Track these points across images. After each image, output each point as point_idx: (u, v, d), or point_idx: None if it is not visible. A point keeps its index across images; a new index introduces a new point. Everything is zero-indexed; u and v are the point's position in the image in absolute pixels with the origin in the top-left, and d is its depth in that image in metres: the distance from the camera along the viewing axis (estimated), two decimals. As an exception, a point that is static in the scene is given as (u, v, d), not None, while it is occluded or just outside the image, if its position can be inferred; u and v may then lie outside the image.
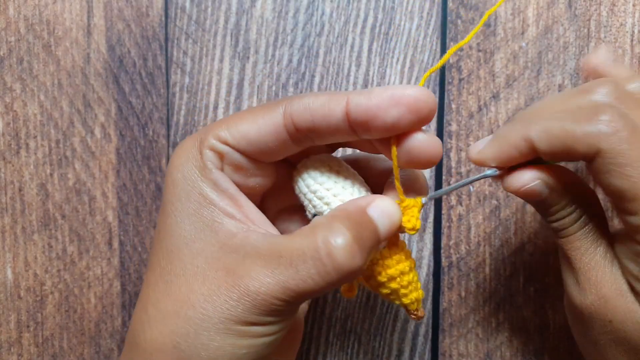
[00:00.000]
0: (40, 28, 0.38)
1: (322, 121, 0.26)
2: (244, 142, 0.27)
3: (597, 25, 0.37)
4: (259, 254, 0.25)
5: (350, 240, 0.25)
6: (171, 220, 0.27)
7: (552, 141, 0.26)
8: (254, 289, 0.25)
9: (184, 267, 0.26)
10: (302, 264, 0.25)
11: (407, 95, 0.25)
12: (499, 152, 0.27)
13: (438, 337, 0.38)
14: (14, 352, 0.39)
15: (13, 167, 0.38)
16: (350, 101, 0.25)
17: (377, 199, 0.27)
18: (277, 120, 0.26)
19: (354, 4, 0.37)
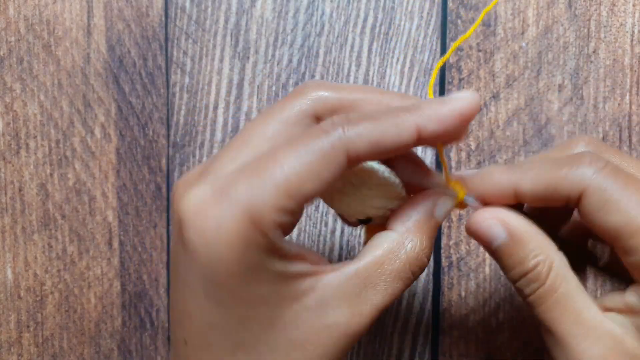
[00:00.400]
0: (40, 28, 0.38)
1: (390, 154, 0.23)
2: (308, 202, 0.22)
3: (597, 25, 0.37)
4: (352, 294, 0.24)
5: (427, 252, 0.25)
6: (238, 312, 0.23)
7: (536, 183, 0.25)
8: (359, 328, 0.24)
9: (277, 347, 0.23)
10: (396, 285, 0.25)
11: (473, 110, 0.23)
12: (480, 186, 0.26)
13: (438, 337, 0.38)
14: (14, 352, 0.39)
15: (13, 167, 0.38)
16: (422, 131, 0.23)
17: (441, 197, 0.26)
18: (342, 165, 0.22)
19: (354, 4, 0.37)
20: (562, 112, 0.37)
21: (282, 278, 0.23)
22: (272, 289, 0.23)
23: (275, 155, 0.22)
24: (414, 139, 0.23)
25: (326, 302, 0.24)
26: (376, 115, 0.23)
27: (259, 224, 0.21)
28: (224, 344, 0.23)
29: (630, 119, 0.37)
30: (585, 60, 0.37)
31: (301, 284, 0.23)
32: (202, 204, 0.22)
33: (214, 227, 0.21)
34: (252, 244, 0.21)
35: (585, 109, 0.37)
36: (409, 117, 0.23)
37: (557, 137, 0.37)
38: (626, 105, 0.37)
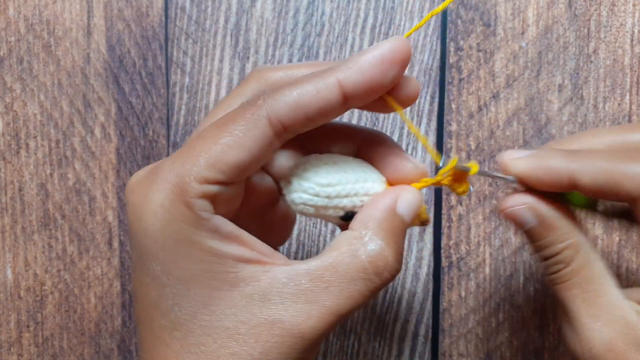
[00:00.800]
0: (40, 28, 0.38)
1: (318, 114, 0.22)
2: (235, 172, 0.22)
3: (597, 25, 0.37)
4: (300, 292, 0.23)
5: (393, 253, 0.24)
6: (172, 290, 0.23)
7: (597, 177, 0.24)
8: (309, 329, 0.23)
9: (212, 332, 0.23)
10: (354, 287, 0.23)
11: (397, 52, 0.22)
12: (534, 170, 0.25)
13: (438, 337, 0.38)
14: (14, 352, 0.39)
15: (13, 167, 0.38)
16: (344, 84, 0.22)
17: (402, 192, 0.25)
18: (266, 132, 0.22)
19: (354, 4, 0.37)
20: (562, 112, 0.37)
21: (215, 257, 0.22)
22: (204, 267, 0.22)
23: (202, 132, 0.23)
24: (337, 95, 0.22)
25: (269, 296, 0.23)
26: (299, 79, 0.23)
27: (182, 194, 0.22)
28: (163, 322, 0.23)
29: (630, 119, 0.37)
30: (585, 60, 0.37)
31: (241, 270, 0.23)
32: (137, 182, 0.23)
33: (142, 200, 0.22)
34: (177, 216, 0.22)
35: (585, 108, 0.37)
36: (328, 75, 0.22)
37: (557, 137, 0.37)
38: (626, 105, 0.37)
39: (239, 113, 0.23)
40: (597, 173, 0.24)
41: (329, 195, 0.25)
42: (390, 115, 0.38)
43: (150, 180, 0.23)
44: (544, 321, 0.38)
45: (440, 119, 0.37)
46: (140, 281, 0.24)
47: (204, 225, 0.22)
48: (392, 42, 0.23)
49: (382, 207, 0.24)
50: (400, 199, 0.25)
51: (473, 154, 0.37)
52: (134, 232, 0.23)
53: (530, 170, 0.25)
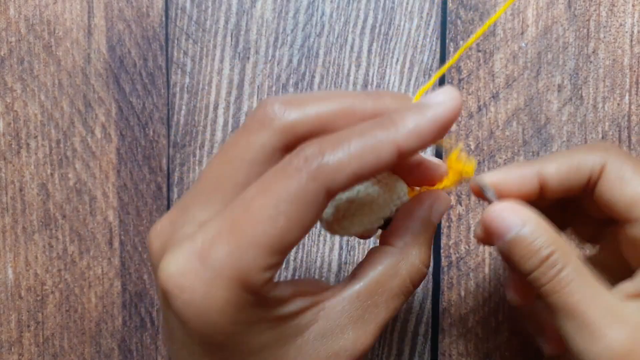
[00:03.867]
0: (41, 28, 0.38)
1: (371, 176, 0.22)
2: (291, 249, 0.22)
3: (596, 26, 0.37)
4: (353, 318, 0.24)
5: (427, 262, 0.25)
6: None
7: (560, 164, 0.26)
8: (367, 347, 0.24)
9: None
10: (398, 301, 0.25)
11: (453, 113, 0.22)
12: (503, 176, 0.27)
13: (438, 337, 0.38)
14: (14, 352, 0.39)
15: (14, 167, 0.39)
16: (402, 149, 0.21)
17: (437, 201, 0.25)
18: (323, 205, 0.21)
19: (353, 4, 0.37)
20: (562, 112, 0.37)
21: (281, 321, 0.22)
22: (274, 333, 0.22)
23: (250, 209, 0.20)
24: (395, 157, 0.21)
25: (330, 330, 0.24)
26: (350, 138, 0.21)
27: (248, 286, 0.21)
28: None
29: (629, 119, 0.37)
30: (584, 61, 0.37)
31: (302, 319, 0.23)
32: (184, 276, 0.21)
33: (201, 298, 0.21)
34: (245, 305, 0.21)
35: (584, 109, 0.37)
36: (387, 137, 0.21)
37: (557, 137, 0.37)
38: (625, 105, 0.37)
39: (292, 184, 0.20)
40: (559, 162, 0.26)
41: (373, 211, 0.26)
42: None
43: (202, 275, 0.21)
44: (544, 321, 0.38)
45: (440, 119, 0.37)
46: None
47: (271, 302, 0.22)
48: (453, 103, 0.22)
49: (418, 218, 0.25)
50: (435, 208, 0.25)
51: (472, 154, 0.37)
52: (192, 327, 0.21)
53: (499, 177, 0.27)
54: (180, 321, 0.22)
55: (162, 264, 0.21)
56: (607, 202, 0.26)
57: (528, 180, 0.27)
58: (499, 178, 0.27)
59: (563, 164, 0.27)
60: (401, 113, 0.22)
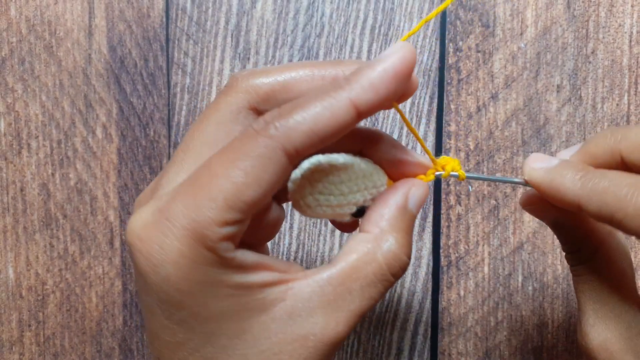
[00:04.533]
0: (42, 29, 0.38)
1: (332, 136, 0.22)
2: (254, 209, 0.21)
3: (595, 26, 0.37)
4: (325, 303, 0.23)
5: (405, 250, 0.24)
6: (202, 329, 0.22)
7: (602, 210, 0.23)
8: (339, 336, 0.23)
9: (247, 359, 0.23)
10: (374, 288, 0.24)
11: (408, 64, 0.22)
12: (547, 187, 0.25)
13: (437, 336, 0.38)
14: (15, 351, 0.39)
15: (15, 167, 0.39)
16: (357, 104, 0.21)
17: (412, 188, 0.25)
18: (282, 164, 0.21)
19: (353, 5, 0.38)
20: (561, 112, 0.37)
21: (242, 290, 0.22)
22: (234, 302, 0.22)
23: (210, 167, 0.21)
24: (353, 116, 0.21)
25: (297, 312, 0.23)
26: (308, 101, 0.21)
27: (203, 240, 0.21)
28: (206, 350, 0.23)
29: (628, 120, 0.37)
30: (583, 61, 0.37)
31: (267, 294, 0.23)
32: (145, 227, 0.22)
33: (158, 250, 0.21)
34: (200, 261, 0.21)
35: (583, 109, 0.37)
36: (341, 95, 0.21)
37: (556, 137, 0.37)
38: (624, 105, 0.37)
39: (250, 144, 0.21)
40: (602, 206, 0.23)
41: (342, 193, 0.25)
42: (390, 115, 0.38)
43: (159, 226, 0.21)
44: (543, 320, 0.38)
45: (439, 119, 0.38)
46: (162, 325, 0.23)
47: (229, 264, 0.22)
48: (402, 53, 0.22)
49: (393, 204, 0.24)
50: (411, 195, 0.25)
51: (472, 154, 0.37)
52: (150, 281, 0.22)
53: (543, 184, 0.25)
54: (140, 275, 0.22)
55: (129, 220, 0.22)
56: None
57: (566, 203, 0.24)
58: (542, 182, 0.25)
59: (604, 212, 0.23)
60: (355, 72, 0.22)
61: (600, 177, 0.24)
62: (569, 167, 0.25)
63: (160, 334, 0.23)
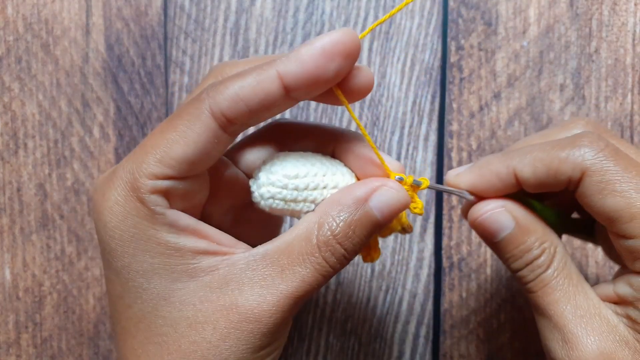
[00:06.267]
0: (39, 27, 0.38)
1: (260, 105, 0.22)
2: (184, 167, 0.23)
3: (598, 25, 0.37)
4: (256, 277, 0.23)
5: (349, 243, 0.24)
6: (132, 283, 0.23)
7: (537, 166, 0.24)
8: (265, 313, 0.23)
9: (172, 323, 0.23)
10: (306, 270, 0.23)
11: (339, 43, 0.22)
12: (478, 178, 0.25)
13: (439, 339, 0.38)
14: (12, 353, 0.39)
15: (11, 167, 0.38)
16: (283, 74, 0.22)
17: (382, 186, 0.24)
18: (209, 124, 0.22)
19: (354, 3, 0.37)
20: (564, 111, 0.37)
21: (173, 250, 0.23)
22: (163, 260, 0.23)
23: (154, 131, 0.24)
24: (278, 86, 0.22)
25: (227, 283, 0.23)
26: (242, 72, 0.23)
27: (134, 190, 0.22)
28: (128, 315, 0.24)
29: (632, 119, 0.37)
30: (586, 60, 0.37)
31: (200, 261, 0.23)
32: (101, 181, 0.24)
33: (101, 199, 0.23)
34: (132, 211, 0.23)
35: (586, 108, 0.37)
36: (269, 66, 0.22)
37: (559, 137, 0.37)
38: (628, 104, 0.37)
39: (184, 108, 0.23)
40: (536, 163, 0.24)
41: (297, 187, 0.24)
42: (390, 115, 0.37)
43: (109, 179, 0.24)
44: (546, 322, 0.37)
45: (441, 118, 0.37)
46: (107, 277, 0.24)
47: (158, 219, 0.23)
48: (336, 34, 0.22)
49: (351, 195, 0.24)
50: (377, 192, 0.24)
51: (474, 154, 0.37)
52: (96, 229, 0.24)
53: (475, 179, 0.25)
54: (95, 228, 0.24)
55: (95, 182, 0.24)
56: (587, 208, 0.25)
57: (504, 183, 0.25)
58: (473, 182, 0.26)
59: (540, 168, 0.24)
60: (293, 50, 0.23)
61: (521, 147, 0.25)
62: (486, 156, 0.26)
63: (107, 288, 0.25)
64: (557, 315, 0.24)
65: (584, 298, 0.25)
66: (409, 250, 0.37)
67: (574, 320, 0.24)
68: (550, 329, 0.25)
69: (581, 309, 0.24)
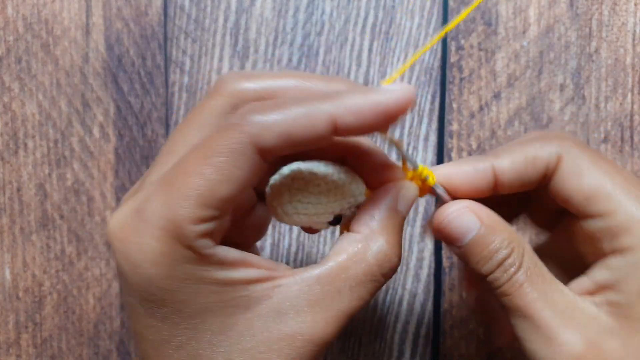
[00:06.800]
0: (39, 27, 0.38)
1: (305, 144, 0.22)
2: (229, 205, 0.22)
3: (598, 25, 0.37)
4: (313, 302, 0.23)
5: (395, 251, 0.24)
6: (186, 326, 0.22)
7: (515, 157, 0.25)
8: (327, 337, 0.23)
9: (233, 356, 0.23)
10: (364, 289, 0.23)
11: (398, 105, 0.22)
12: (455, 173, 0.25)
13: (439, 339, 0.38)
14: (12, 353, 0.39)
15: (11, 167, 0.38)
16: (337, 122, 0.21)
17: (402, 189, 0.25)
18: (254, 161, 0.21)
19: (354, 2, 0.37)
20: (564, 111, 0.37)
21: (225, 286, 0.22)
22: (217, 298, 0.22)
23: (185, 164, 0.21)
24: (329, 130, 0.21)
25: (284, 310, 0.23)
26: (287, 103, 0.21)
27: (180, 238, 0.21)
28: (179, 357, 0.23)
29: (632, 119, 0.37)
30: (586, 60, 0.37)
31: (252, 291, 0.23)
32: (123, 228, 0.22)
33: (136, 250, 0.21)
34: (179, 259, 0.21)
35: (587, 108, 0.37)
36: (324, 107, 0.21)
37: (559, 137, 0.37)
38: (628, 105, 0.37)
39: (222, 141, 0.21)
40: (513, 155, 0.25)
41: (321, 202, 0.25)
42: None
43: (137, 227, 0.22)
44: (546, 322, 0.37)
45: (441, 118, 0.37)
46: (146, 324, 0.23)
47: (208, 260, 0.22)
48: (401, 93, 0.22)
49: (384, 205, 0.24)
50: (401, 196, 0.25)
51: (474, 154, 0.37)
52: (131, 281, 0.22)
53: (451, 173, 0.25)
54: (122, 275, 0.22)
55: (109, 221, 0.23)
56: (563, 195, 0.25)
57: (482, 175, 0.25)
58: (449, 173, 0.25)
59: (518, 157, 0.25)
60: (345, 90, 0.22)
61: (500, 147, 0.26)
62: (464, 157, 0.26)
63: (144, 333, 0.23)
64: (537, 315, 0.24)
65: (560, 295, 0.24)
66: (409, 250, 0.37)
67: (554, 317, 0.24)
68: (531, 330, 0.24)
69: (559, 305, 0.24)
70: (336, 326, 0.23)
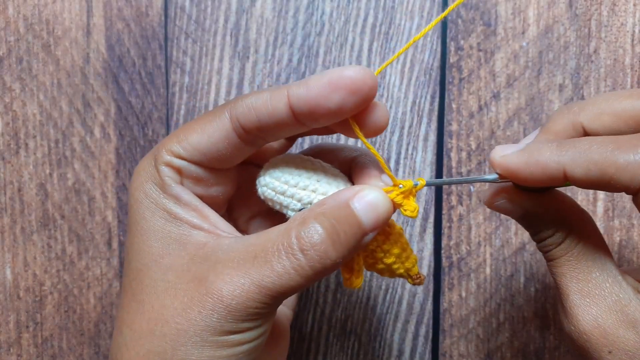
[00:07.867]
0: (40, 28, 0.38)
1: (268, 119, 0.25)
2: (197, 153, 0.26)
3: (597, 25, 0.37)
4: (232, 258, 0.25)
5: (324, 237, 0.24)
6: (138, 239, 0.27)
7: (590, 169, 0.23)
8: (228, 294, 0.24)
9: (155, 284, 0.26)
10: (277, 260, 0.24)
11: (345, 78, 0.24)
12: (524, 166, 0.25)
13: (438, 338, 0.38)
14: (13, 353, 0.39)
15: (12, 167, 0.38)
16: (290, 95, 0.24)
17: (362, 190, 0.25)
18: (225, 124, 0.26)
19: (354, 3, 0.37)
20: (563, 111, 0.37)
21: (173, 219, 0.26)
22: (163, 225, 0.26)
23: (191, 122, 0.27)
24: (285, 105, 0.24)
25: (208, 259, 0.25)
26: (261, 90, 0.26)
27: (155, 160, 0.27)
28: (128, 271, 0.27)
29: (631, 119, 0.37)
30: (586, 60, 0.37)
31: (193, 235, 0.26)
32: (139, 164, 0.28)
33: (138, 172, 0.28)
34: (150, 177, 0.27)
35: (586, 108, 0.37)
36: (283, 87, 0.25)
37: (558, 137, 0.37)
38: (627, 105, 0.37)
39: (211, 110, 0.27)
40: (589, 165, 0.23)
41: (287, 182, 0.27)
42: (389, 115, 0.38)
43: (146, 157, 0.28)
44: (545, 322, 0.37)
45: (440, 118, 0.37)
46: (129, 229, 0.28)
47: (166, 189, 0.26)
48: (347, 69, 0.24)
49: (333, 197, 0.25)
50: (359, 194, 0.25)
51: (474, 154, 0.37)
52: (130, 190, 0.28)
53: (520, 166, 0.25)
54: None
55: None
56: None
57: (550, 176, 0.24)
58: (518, 166, 0.25)
59: (593, 172, 0.23)
60: None
61: (578, 141, 0.24)
62: (541, 142, 0.25)
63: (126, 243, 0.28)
64: (562, 286, 0.26)
65: (595, 274, 0.26)
66: (408, 249, 0.38)
67: (576, 292, 0.26)
68: (560, 299, 0.26)
69: (586, 283, 0.26)
70: (242, 291, 0.24)
